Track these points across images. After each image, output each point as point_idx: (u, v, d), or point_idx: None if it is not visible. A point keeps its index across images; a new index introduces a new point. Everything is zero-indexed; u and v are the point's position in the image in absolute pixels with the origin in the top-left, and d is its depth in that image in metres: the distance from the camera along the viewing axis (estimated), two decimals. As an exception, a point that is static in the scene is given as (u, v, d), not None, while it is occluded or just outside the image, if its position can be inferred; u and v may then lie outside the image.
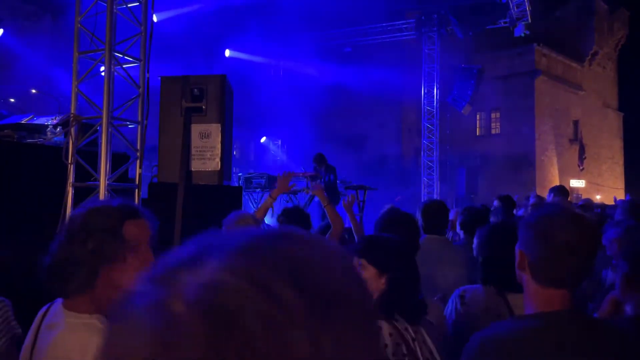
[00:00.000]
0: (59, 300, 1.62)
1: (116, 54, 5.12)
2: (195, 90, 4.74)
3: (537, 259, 1.49)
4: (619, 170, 32.18)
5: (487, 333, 1.52)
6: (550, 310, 1.46)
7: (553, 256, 1.46)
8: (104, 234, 1.54)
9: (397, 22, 18.33)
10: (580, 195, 23.73)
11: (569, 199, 6.20)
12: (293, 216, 3.47)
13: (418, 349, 1.87)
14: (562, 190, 6.10)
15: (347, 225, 4.30)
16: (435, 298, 2.74)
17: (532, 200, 6.82)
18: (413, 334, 1.89)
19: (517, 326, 1.51)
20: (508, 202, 5.76)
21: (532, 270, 1.50)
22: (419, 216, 3.61)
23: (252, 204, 9.19)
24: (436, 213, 3.68)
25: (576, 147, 27.22)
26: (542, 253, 1.48)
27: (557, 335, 1.42)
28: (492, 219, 4.62)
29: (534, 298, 1.51)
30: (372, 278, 1.96)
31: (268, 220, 7.31)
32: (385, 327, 1.86)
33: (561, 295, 1.47)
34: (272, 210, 5.98)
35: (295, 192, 10.15)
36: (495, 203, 5.88)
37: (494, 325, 1.56)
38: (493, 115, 25.96)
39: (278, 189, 3.88)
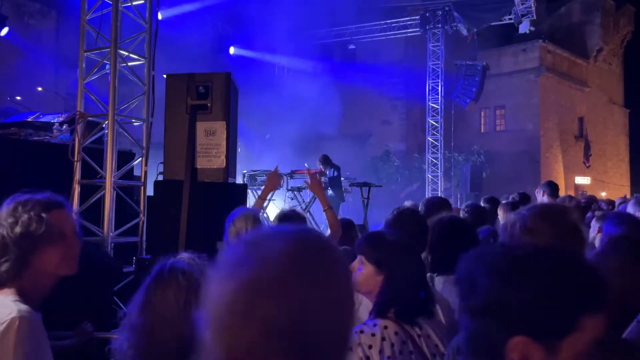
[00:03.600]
0: None
1: (121, 51, 5.15)
2: (201, 87, 4.75)
3: None
4: (624, 167, 32.04)
5: None
6: None
7: None
8: (31, 220, 1.61)
9: (402, 19, 18.28)
10: (585, 192, 23.65)
11: (559, 195, 5.87)
12: (289, 221, 3.42)
13: (424, 345, 1.86)
14: (550, 186, 5.86)
15: (359, 223, 4.29)
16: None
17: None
18: (419, 331, 1.87)
19: None
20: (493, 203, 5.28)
21: None
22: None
23: (257, 201, 9.23)
24: (438, 210, 3.69)
25: (581, 144, 27.10)
26: None
27: None
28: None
29: None
30: (371, 275, 1.94)
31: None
32: (391, 326, 1.84)
33: None
34: (264, 212, 5.97)
35: (300, 189, 10.17)
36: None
37: None
38: (498, 112, 25.88)
39: (267, 188, 3.84)
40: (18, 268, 1.60)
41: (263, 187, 9.32)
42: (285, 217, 3.47)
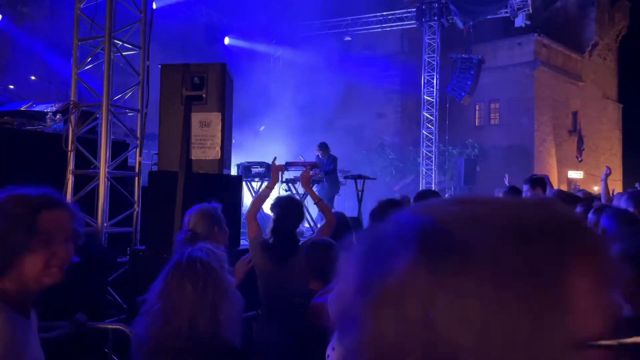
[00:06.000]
0: None
1: (116, 41, 5.11)
2: (196, 78, 4.73)
3: None
4: (617, 161, 32.20)
5: None
6: None
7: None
8: (14, 222, 1.47)
9: (398, 11, 18.25)
10: (577, 187, 23.77)
11: (543, 190, 5.78)
12: (285, 205, 3.51)
13: None
14: (536, 181, 5.80)
15: (353, 215, 4.30)
16: None
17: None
18: None
19: None
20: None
21: None
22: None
23: (252, 192, 9.21)
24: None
25: (575, 138, 27.20)
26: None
27: None
28: None
29: None
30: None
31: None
32: None
33: None
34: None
35: (295, 182, 10.15)
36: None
37: None
38: (492, 105, 25.91)
39: (273, 180, 3.92)
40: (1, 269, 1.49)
41: (258, 178, 9.30)
42: (283, 201, 3.53)
